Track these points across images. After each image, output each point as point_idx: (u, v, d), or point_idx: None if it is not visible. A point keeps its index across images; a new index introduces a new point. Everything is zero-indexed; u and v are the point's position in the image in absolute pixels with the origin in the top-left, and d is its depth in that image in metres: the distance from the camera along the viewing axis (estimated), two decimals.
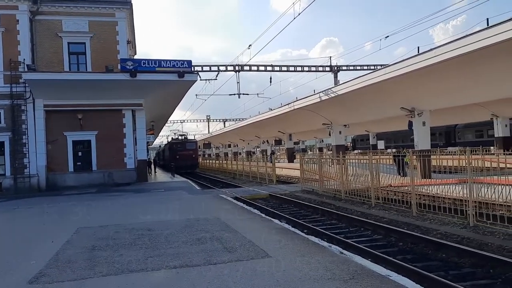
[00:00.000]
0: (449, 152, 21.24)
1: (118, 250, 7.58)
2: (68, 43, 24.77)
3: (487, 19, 15.26)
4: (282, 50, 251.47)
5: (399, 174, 16.47)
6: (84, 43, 24.99)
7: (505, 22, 13.67)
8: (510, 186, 9.76)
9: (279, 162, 44.33)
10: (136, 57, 34.42)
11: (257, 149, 69.65)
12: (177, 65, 23.04)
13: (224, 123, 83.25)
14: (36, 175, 23.27)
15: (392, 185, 15.01)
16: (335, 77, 37.16)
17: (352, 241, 9.36)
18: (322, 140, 66.49)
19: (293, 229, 9.46)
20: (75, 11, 24.79)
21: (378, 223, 11.09)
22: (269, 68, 34.96)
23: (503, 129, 29.58)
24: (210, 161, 60.07)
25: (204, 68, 33.01)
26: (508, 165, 10.42)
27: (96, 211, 13.98)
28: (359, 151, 47.79)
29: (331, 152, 34.43)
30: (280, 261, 6.36)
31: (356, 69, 38.10)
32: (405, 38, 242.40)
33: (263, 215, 11.93)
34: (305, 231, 10.39)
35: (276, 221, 10.68)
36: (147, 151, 31.16)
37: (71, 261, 6.90)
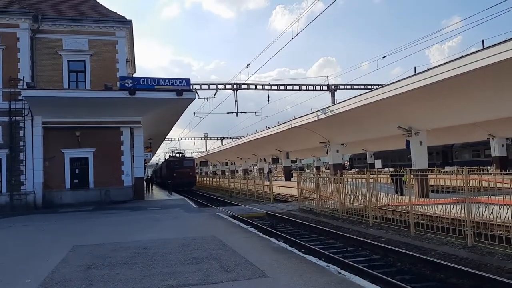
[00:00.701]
0: (447, 171, 21.27)
1: (114, 269, 7.51)
2: (68, 61, 24.99)
3: (483, 40, 15.46)
4: (280, 69, 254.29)
5: (397, 193, 16.47)
6: (84, 61, 25.22)
7: (500, 43, 13.87)
8: (508, 206, 9.76)
9: (276, 180, 44.19)
10: (135, 74, 34.65)
11: (254, 167, 69.54)
12: (175, 83, 23.09)
13: (222, 141, 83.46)
14: (33, 192, 23.11)
15: (390, 205, 15.01)
16: (332, 96, 37.39)
17: (350, 261, 9.30)
18: (320, 159, 66.54)
19: (290, 248, 9.41)
20: (75, 29, 25.06)
21: (376, 243, 11.04)
22: (267, 87, 35.09)
23: (500, 149, 29.70)
24: (207, 179, 59.92)
25: (203, 87, 33.19)
26: (506, 185, 10.42)
27: (92, 229, 13.88)
28: (357, 170, 47.84)
29: (328, 170, 34.39)
30: (278, 281, 6.31)
31: (353, 89, 38.36)
32: (402, 58, 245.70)
33: (260, 234, 11.87)
34: (303, 250, 10.32)
35: (273, 240, 10.62)
36: (144, 169, 31.04)
37: (66, 280, 6.82)
